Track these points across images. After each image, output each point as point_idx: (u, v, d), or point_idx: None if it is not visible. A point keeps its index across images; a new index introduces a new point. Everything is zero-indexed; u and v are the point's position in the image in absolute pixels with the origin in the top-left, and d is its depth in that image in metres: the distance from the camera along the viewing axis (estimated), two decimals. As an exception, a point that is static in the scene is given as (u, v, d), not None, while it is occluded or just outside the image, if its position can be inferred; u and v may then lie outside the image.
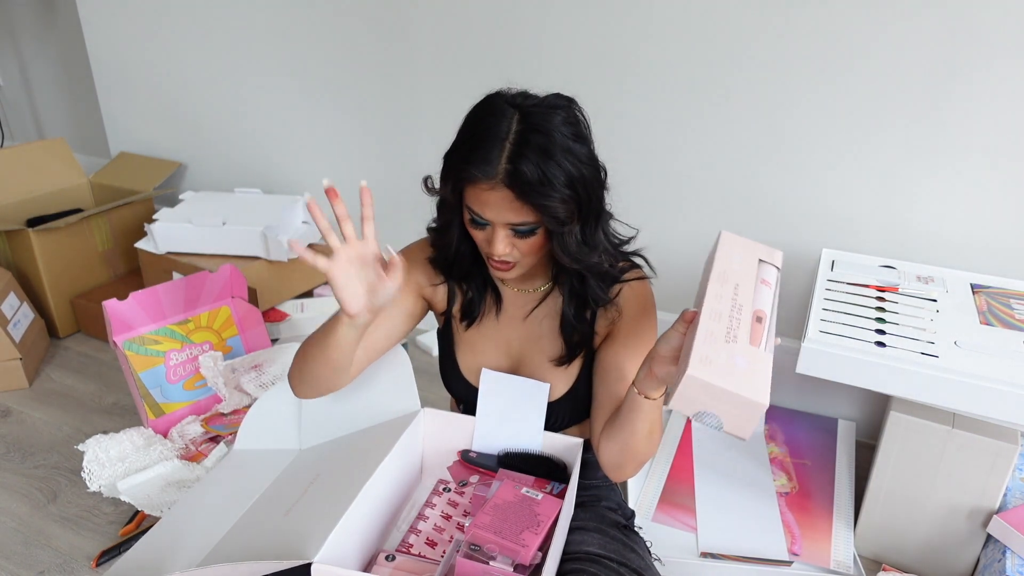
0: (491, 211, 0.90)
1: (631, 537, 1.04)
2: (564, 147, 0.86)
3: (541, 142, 0.85)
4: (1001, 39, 1.28)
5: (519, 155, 0.85)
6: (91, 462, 1.46)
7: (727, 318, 0.81)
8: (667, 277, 1.75)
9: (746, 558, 1.29)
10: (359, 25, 1.90)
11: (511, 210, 0.88)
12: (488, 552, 0.88)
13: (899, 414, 1.23)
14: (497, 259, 0.95)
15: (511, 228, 0.91)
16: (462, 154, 0.89)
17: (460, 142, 0.91)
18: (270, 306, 1.93)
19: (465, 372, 1.11)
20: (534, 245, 0.93)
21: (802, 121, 1.48)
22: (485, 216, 0.91)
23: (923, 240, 1.46)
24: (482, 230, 0.93)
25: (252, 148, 2.26)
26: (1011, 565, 1.14)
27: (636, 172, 1.67)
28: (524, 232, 0.91)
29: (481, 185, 0.88)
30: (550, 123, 0.87)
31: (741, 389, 0.73)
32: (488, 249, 0.94)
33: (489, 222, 0.91)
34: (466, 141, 0.90)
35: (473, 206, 0.91)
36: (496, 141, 0.86)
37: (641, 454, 0.95)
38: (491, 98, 0.92)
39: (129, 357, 1.56)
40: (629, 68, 1.60)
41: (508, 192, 0.87)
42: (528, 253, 0.94)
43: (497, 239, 0.92)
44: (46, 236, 1.97)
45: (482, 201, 0.89)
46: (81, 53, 2.56)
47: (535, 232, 0.92)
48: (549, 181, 0.85)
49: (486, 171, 0.86)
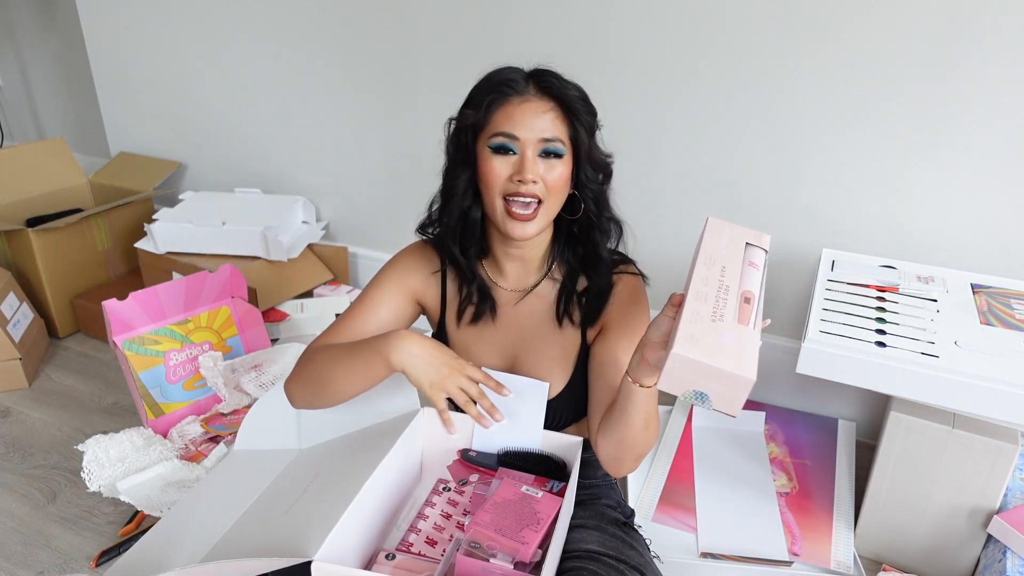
0: (525, 125, 0.93)
1: (630, 534, 1.04)
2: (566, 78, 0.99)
3: (553, 74, 0.98)
4: (1001, 39, 1.28)
5: (542, 74, 0.97)
6: (91, 462, 1.46)
7: (713, 299, 0.81)
8: (666, 277, 1.75)
9: (746, 558, 1.28)
10: (359, 25, 1.90)
11: (544, 120, 0.94)
12: (488, 550, 0.88)
13: (899, 414, 1.23)
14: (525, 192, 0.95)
15: (541, 148, 0.94)
16: (488, 87, 0.96)
17: (480, 86, 0.99)
18: (270, 306, 1.93)
19: None
20: (560, 177, 0.96)
21: (802, 121, 1.48)
22: (518, 132, 0.94)
23: (923, 240, 1.46)
24: (507, 157, 0.95)
25: (252, 148, 2.27)
26: (1011, 565, 1.14)
27: (635, 172, 1.67)
28: (552, 151, 0.95)
29: (513, 100, 0.94)
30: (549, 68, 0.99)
31: (727, 364, 0.74)
32: (517, 178, 0.94)
33: (519, 143, 0.94)
34: (487, 81, 0.98)
35: (503, 127, 0.94)
36: (516, 74, 0.97)
37: (639, 446, 0.95)
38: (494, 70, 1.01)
39: (129, 357, 1.56)
40: (628, 68, 1.60)
41: (542, 102, 0.95)
42: (553, 189, 0.96)
43: (527, 159, 0.94)
44: (46, 236, 1.97)
45: (516, 117, 0.94)
46: (81, 53, 2.56)
47: (562, 156, 0.95)
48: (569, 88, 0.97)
49: (518, 88, 0.95)
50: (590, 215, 1.02)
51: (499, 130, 0.95)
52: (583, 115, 0.97)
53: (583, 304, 1.06)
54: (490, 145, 0.96)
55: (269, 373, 1.68)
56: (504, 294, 1.08)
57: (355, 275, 2.21)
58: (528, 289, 1.07)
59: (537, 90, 0.96)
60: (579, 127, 0.96)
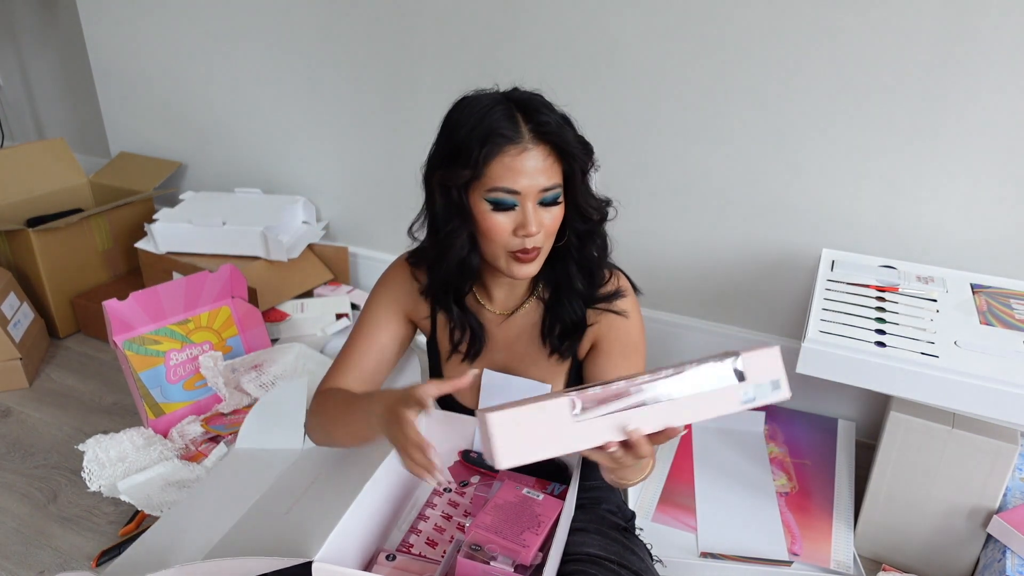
0: (525, 177, 0.89)
1: (631, 539, 1.04)
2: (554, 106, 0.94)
3: (539, 102, 0.92)
4: (1002, 39, 1.28)
5: (533, 112, 0.90)
6: (91, 462, 1.46)
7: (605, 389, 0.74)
8: (666, 277, 1.76)
9: (746, 558, 1.29)
10: (359, 24, 1.90)
11: (543, 171, 0.89)
12: (489, 552, 0.88)
13: (899, 414, 1.23)
14: (529, 244, 0.92)
15: (540, 198, 0.91)
16: (478, 135, 0.88)
17: (465, 132, 0.90)
18: (270, 306, 1.93)
19: (459, 398, 1.12)
20: (557, 218, 0.93)
21: (802, 121, 1.48)
22: (518, 186, 0.89)
23: (923, 240, 1.46)
24: (508, 213, 0.91)
25: (252, 148, 2.26)
26: (1011, 565, 1.14)
27: (635, 173, 1.67)
28: (550, 200, 0.92)
29: (511, 151, 0.88)
30: (531, 94, 0.94)
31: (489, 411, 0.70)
32: (521, 232, 0.91)
33: (519, 197, 0.90)
34: (474, 126, 0.89)
35: (502, 182, 0.89)
36: (505, 113, 0.89)
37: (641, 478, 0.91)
38: (464, 98, 0.94)
39: (129, 357, 1.56)
40: (628, 68, 1.60)
41: (539, 150, 0.89)
42: (551, 232, 0.94)
43: (530, 214, 0.90)
44: (46, 236, 1.97)
45: (516, 170, 0.88)
46: (81, 53, 2.55)
47: (558, 200, 0.93)
48: (564, 126, 0.91)
49: (515, 136, 0.88)
50: (571, 248, 0.98)
51: (497, 185, 0.89)
52: (579, 157, 0.92)
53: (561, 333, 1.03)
54: (488, 199, 0.90)
55: (269, 373, 1.68)
56: (492, 316, 1.07)
57: (355, 275, 2.21)
58: (514, 309, 1.06)
59: (533, 136, 0.89)
60: (575, 167, 0.92)
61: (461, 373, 1.08)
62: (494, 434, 0.69)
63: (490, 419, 0.69)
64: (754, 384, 0.78)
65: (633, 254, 1.74)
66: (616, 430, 0.73)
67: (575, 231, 0.97)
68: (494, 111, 0.89)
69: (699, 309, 1.75)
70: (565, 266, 0.99)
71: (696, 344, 1.76)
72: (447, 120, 0.95)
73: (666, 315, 1.78)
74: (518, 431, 0.70)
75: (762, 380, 0.78)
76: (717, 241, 1.66)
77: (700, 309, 1.75)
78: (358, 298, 2.04)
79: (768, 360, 0.78)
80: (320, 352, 1.85)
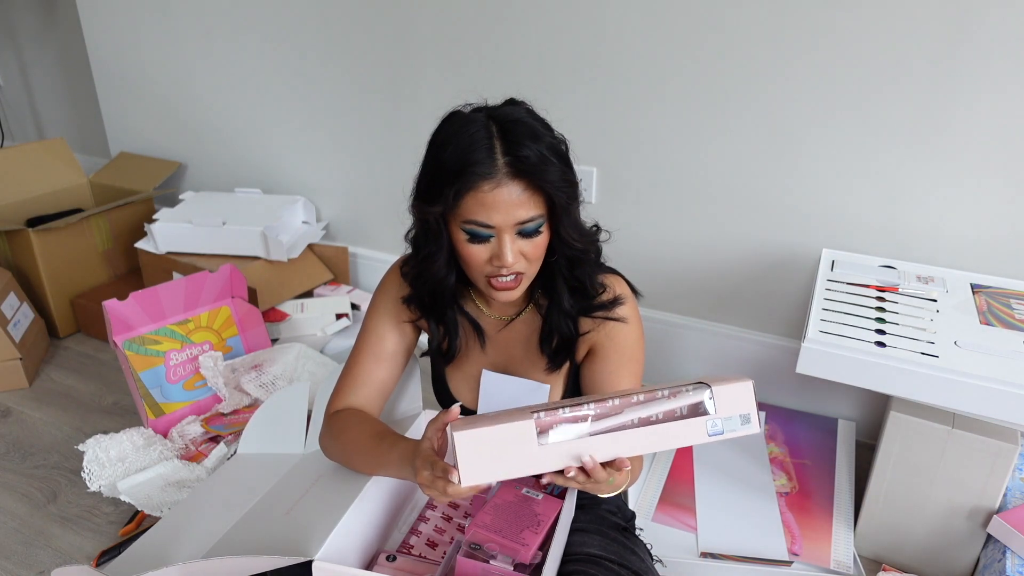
0: (499, 213, 0.86)
1: (631, 539, 1.04)
2: (542, 130, 0.89)
3: (524, 130, 0.87)
4: (1001, 39, 1.28)
5: (513, 144, 0.86)
6: (91, 462, 1.46)
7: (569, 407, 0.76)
8: (666, 277, 1.76)
9: (746, 558, 1.29)
10: (360, 24, 1.90)
11: (519, 204, 0.86)
12: (489, 551, 0.88)
13: (899, 414, 1.23)
14: (506, 273, 0.91)
15: (518, 230, 0.88)
16: (452, 168, 0.86)
17: (442, 160, 0.88)
18: (270, 306, 1.93)
19: (459, 398, 1.11)
20: (539, 246, 0.91)
21: (802, 121, 1.48)
22: (492, 221, 0.87)
23: (923, 240, 1.46)
24: (484, 244, 0.90)
25: (252, 148, 2.27)
26: (1011, 565, 1.14)
27: (635, 173, 1.67)
28: (530, 231, 0.89)
29: (484, 187, 0.85)
30: (520, 115, 0.89)
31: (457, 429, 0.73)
32: (496, 263, 0.90)
33: (494, 230, 0.88)
34: (450, 155, 0.87)
35: (476, 215, 0.87)
36: (483, 142, 0.86)
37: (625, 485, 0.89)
38: (453, 115, 0.92)
39: (129, 357, 1.56)
40: (628, 69, 1.60)
41: (515, 184, 0.86)
42: (534, 258, 0.92)
43: (505, 247, 0.88)
44: (46, 236, 1.97)
45: (488, 205, 0.86)
46: (81, 53, 2.56)
47: (539, 230, 0.90)
48: (547, 159, 0.86)
49: (488, 171, 0.85)
50: (560, 268, 0.97)
51: (470, 218, 0.87)
52: (560, 190, 0.88)
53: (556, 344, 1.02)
54: (464, 229, 0.89)
55: (269, 373, 1.68)
56: (491, 321, 1.07)
57: (355, 275, 2.21)
58: (513, 317, 1.06)
59: (509, 170, 0.85)
60: (556, 199, 0.89)
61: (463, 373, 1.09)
62: (460, 453, 0.73)
63: (457, 438, 0.73)
64: (723, 417, 0.78)
65: (633, 254, 1.75)
66: (575, 458, 0.75)
67: (564, 255, 0.95)
68: (474, 139, 0.86)
69: (699, 309, 1.75)
70: (554, 283, 0.98)
71: (696, 344, 1.76)
72: (430, 141, 0.93)
73: (666, 315, 1.78)
74: (482, 450, 0.74)
75: (732, 413, 0.78)
76: (717, 241, 1.66)
77: (700, 309, 1.75)
78: (358, 298, 2.05)
79: (741, 393, 0.79)
80: (320, 352, 1.85)
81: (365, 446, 0.98)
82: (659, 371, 1.82)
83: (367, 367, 1.07)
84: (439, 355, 1.11)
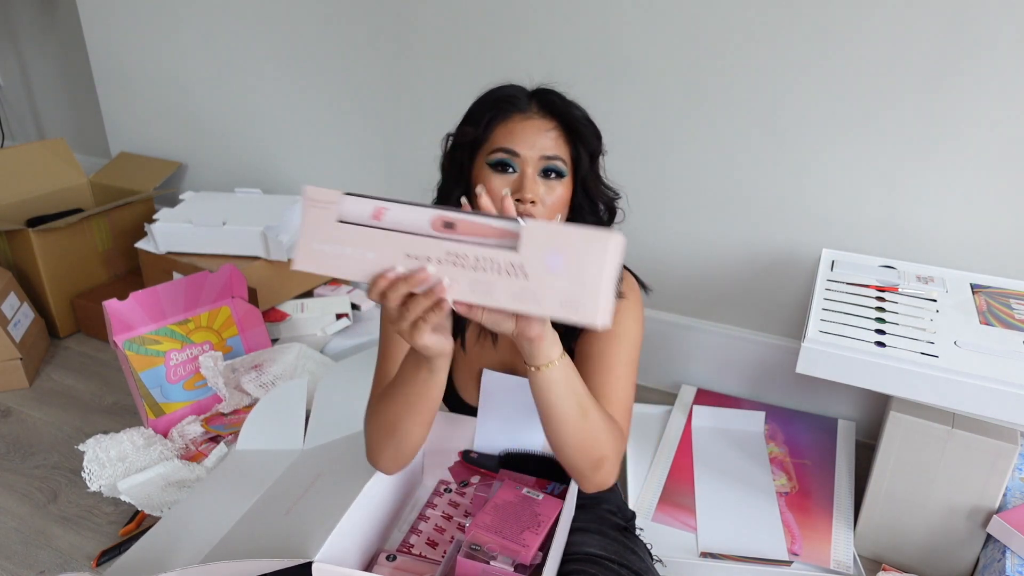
0: (527, 143, 0.91)
1: (631, 539, 1.04)
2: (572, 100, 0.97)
3: (557, 93, 0.96)
4: (1001, 39, 1.28)
5: (545, 93, 0.95)
6: (91, 462, 1.46)
7: None
8: (665, 277, 1.76)
9: (746, 558, 1.29)
10: (360, 25, 1.90)
11: (547, 138, 0.92)
12: (489, 552, 0.88)
13: (899, 414, 1.23)
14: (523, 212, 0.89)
15: (542, 167, 0.92)
16: (487, 102, 0.94)
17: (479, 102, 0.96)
18: (270, 306, 1.93)
19: (464, 396, 1.11)
20: (559, 196, 0.93)
21: (802, 121, 1.48)
22: (520, 149, 0.91)
23: (923, 240, 1.46)
24: (507, 176, 0.91)
25: (252, 148, 2.27)
26: (1011, 565, 1.14)
27: (635, 172, 1.67)
28: (553, 171, 0.92)
29: (515, 118, 0.92)
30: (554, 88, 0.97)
31: None
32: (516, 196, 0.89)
33: (519, 160, 0.91)
34: (487, 96, 0.96)
35: (503, 142, 0.91)
36: (520, 91, 0.96)
37: (587, 443, 0.86)
38: None
39: (129, 357, 1.56)
40: (627, 68, 1.60)
41: (544, 121, 0.93)
42: (551, 207, 0.92)
43: (527, 178, 0.91)
44: (46, 236, 1.97)
45: (517, 133, 0.91)
46: (81, 53, 2.56)
47: (563, 176, 0.93)
48: (575, 106, 0.95)
49: (521, 105, 0.93)
50: None
51: (499, 145, 0.92)
52: (587, 136, 0.94)
53: None
54: (489, 162, 0.92)
55: (269, 373, 1.68)
56: None
57: (355, 275, 2.20)
58: None
59: (540, 108, 0.94)
60: (581, 149, 0.94)
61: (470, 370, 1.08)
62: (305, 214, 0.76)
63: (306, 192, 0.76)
64: None
65: (632, 254, 1.74)
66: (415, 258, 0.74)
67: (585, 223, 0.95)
68: (508, 87, 0.96)
69: (699, 309, 1.75)
70: None
71: (696, 344, 1.76)
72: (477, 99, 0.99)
73: (666, 315, 1.78)
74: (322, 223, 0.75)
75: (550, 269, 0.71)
76: (717, 241, 1.66)
77: (700, 309, 1.75)
78: (358, 298, 2.04)
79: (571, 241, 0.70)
80: (320, 352, 1.85)
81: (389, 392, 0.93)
82: (659, 371, 1.82)
83: (390, 365, 1.04)
84: None
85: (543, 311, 0.71)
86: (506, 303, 0.72)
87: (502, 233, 0.72)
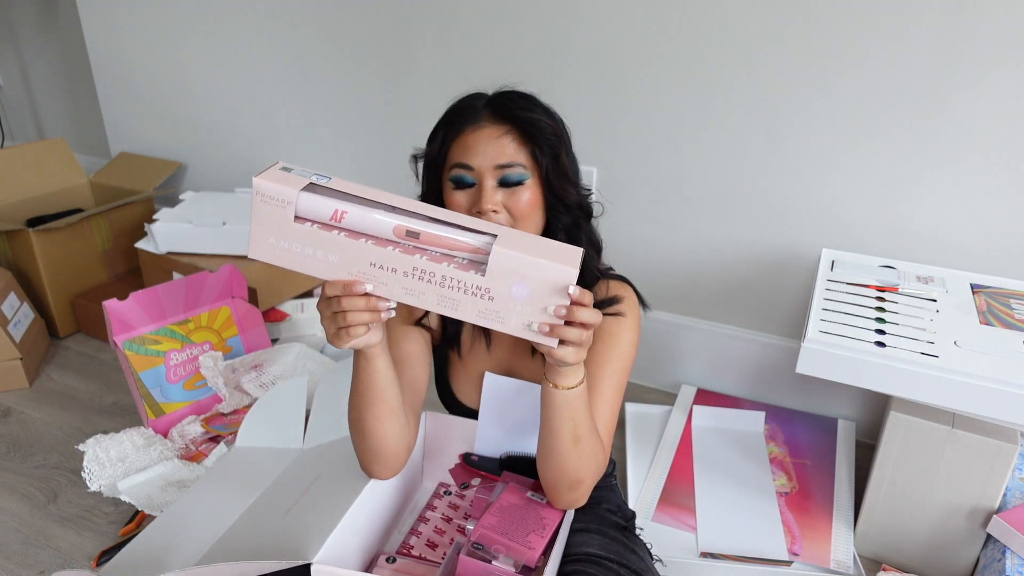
0: (479, 154, 0.89)
1: (631, 539, 1.04)
2: (537, 100, 0.95)
3: (513, 92, 0.94)
4: (1001, 40, 1.28)
5: (499, 99, 0.93)
6: (91, 462, 1.46)
7: None
8: (666, 277, 1.76)
9: (746, 558, 1.29)
10: (359, 25, 1.89)
11: (499, 146, 0.89)
12: (491, 552, 0.88)
13: (899, 414, 1.23)
14: None
15: (500, 176, 0.89)
16: (442, 121, 0.94)
17: (440, 120, 0.95)
18: (270, 306, 1.93)
19: (461, 398, 1.11)
20: (525, 202, 0.90)
21: (802, 121, 1.48)
22: (473, 162, 0.89)
23: (923, 240, 1.46)
24: (467, 191, 0.90)
25: (252, 148, 2.26)
26: (1011, 565, 1.14)
27: (635, 173, 1.67)
28: (512, 180, 0.90)
29: (466, 130, 0.91)
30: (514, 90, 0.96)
31: None
32: (475, 210, 0.89)
33: (475, 174, 0.89)
34: (446, 112, 0.95)
35: (459, 158, 0.90)
36: (477, 100, 0.94)
37: (569, 466, 0.88)
38: None
39: (129, 357, 1.56)
40: (628, 69, 1.60)
41: (496, 127, 0.90)
42: (518, 214, 0.90)
43: (486, 190, 0.89)
44: (46, 236, 1.97)
45: (469, 146, 0.90)
46: (81, 53, 2.56)
47: (524, 182, 0.90)
48: (532, 104, 0.92)
49: (471, 116, 0.91)
50: None
51: (455, 161, 0.91)
52: (542, 137, 0.90)
53: None
54: (450, 179, 0.92)
55: (269, 373, 1.68)
56: None
57: (355, 275, 2.20)
58: None
59: (491, 116, 0.91)
60: (537, 150, 0.90)
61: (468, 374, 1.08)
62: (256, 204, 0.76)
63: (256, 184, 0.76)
64: None
65: (633, 254, 1.75)
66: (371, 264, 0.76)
67: (560, 225, 0.95)
68: (466, 99, 0.94)
69: (699, 309, 1.75)
70: None
71: (696, 344, 1.76)
72: None
73: (666, 315, 1.78)
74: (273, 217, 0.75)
75: None
76: (717, 241, 1.66)
77: (700, 309, 1.75)
78: (358, 298, 2.04)
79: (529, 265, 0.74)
80: (320, 352, 1.85)
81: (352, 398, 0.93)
82: (659, 371, 1.82)
83: None
84: (443, 355, 1.10)
85: (506, 330, 0.75)
86: (471, 319, 0.76)
87: (466, 248, 0.75)
